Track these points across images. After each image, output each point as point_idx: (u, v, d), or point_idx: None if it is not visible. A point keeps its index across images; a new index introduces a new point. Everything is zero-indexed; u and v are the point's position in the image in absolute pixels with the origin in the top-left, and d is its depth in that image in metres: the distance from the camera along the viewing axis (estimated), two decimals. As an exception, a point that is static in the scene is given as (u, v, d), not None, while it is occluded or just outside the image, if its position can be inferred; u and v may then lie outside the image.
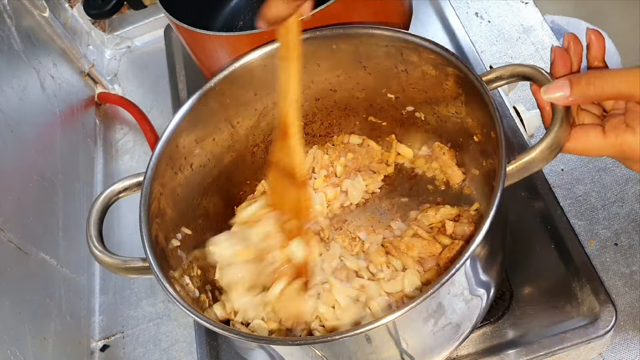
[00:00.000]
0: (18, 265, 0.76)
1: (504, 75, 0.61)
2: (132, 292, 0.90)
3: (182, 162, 0.71)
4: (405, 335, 0.57)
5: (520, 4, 1.01)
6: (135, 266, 0.63)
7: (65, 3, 1.13)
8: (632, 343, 0.70)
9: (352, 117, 0.82)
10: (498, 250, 0.64)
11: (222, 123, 0.74)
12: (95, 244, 0.65)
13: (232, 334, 0.57)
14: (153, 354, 0.84)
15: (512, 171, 0.56)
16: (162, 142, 0.68)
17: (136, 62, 1.20)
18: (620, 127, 0.54)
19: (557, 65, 0.59)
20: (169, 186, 0.69)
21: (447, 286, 0.53)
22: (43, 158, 0.89)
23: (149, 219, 0.64)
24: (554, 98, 0.55)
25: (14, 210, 0.78)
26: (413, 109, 0.77)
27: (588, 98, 0.54)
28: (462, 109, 0.69)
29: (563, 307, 0.71)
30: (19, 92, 0.88)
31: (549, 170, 0.82)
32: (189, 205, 0.73)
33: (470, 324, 0.63)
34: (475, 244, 0.53)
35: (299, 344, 0.56)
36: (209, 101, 0.71)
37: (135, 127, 1.08)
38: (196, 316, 0.57)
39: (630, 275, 0.73)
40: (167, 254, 0.66)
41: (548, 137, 0.55)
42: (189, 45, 0.88)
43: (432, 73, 0.68)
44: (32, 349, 0.73)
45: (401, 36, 0.67)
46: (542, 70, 0.58)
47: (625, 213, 0.77)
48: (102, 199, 0.67)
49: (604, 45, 0.59)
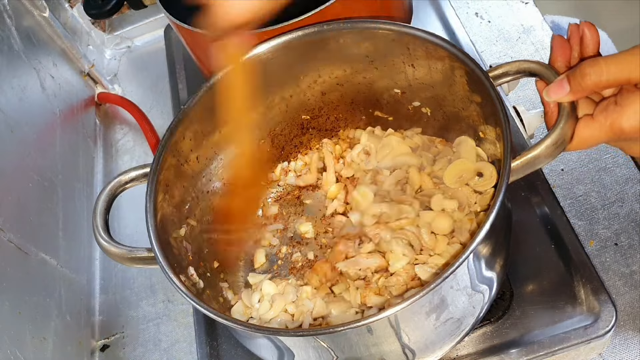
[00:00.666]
0: (18, 265, 0.76)
1: (510, 71, 0.61)
2: (132, 292, 0.90)
3: (189, 153, 0.71)
4: (407, 328, 0.58)
5: (520, 4, 1.01)
6: (140, 256, 0.64)
7: (65, 3, 1.13)
8: (632, 343, 0.70)
9: (358, 111, 0.82)
10: (501, 246, 0.65)
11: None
12: (102, 234, 0.65)
13: (236, 325, 0.57)
14: (153, 354, 0.84)
15: (516, 167, 0.56)
16: (168, 133, 0.68)
17: (136, 62, 1.20)
18: (609, 108, 0.53)
19: (554, 54, 0.59)
20: (175, 177, 0.69)
21: (450, 280, 0.53)
22: (43, 158, 0.89)
23: (155, 209, 0.64)
24: (556, 99, 0.55)
25: (14, 210, 0.78)
26: (419, 104, 0.77)
27: (586, 89, 0.53)
28: (468, 104, 0.69)
29: (563, 307, 0.71)
30: (19, 92, 0.88)
31: (549, 170, 0.82)
32: (195, 197, 0.73)
33: (472, 320, 0.63)
34: (479, 237, 0.53)
35: (303, 335, 0.57)
36: (216, 94, 0.71)
37: (135, 127, 1.08)
38: (200, 306, 0.57)
39: (630, 275, 0.73)
40: (172, 244, 0.66)
41: (554, 133, 0.55)
42: (189, 45, 0.88)
43: (439, 68, 0.68)
44: (32, 349, 0.73)
45: (408, 31, 0.67)
46: (548, 67, 0.58)
47: (625, 213, 0.77)
48: (108, 189, 0.67)
49: (597, 36, 0.58)
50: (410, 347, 0.60)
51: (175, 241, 0.67)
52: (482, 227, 0.54)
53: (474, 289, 0.60)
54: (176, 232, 0.69)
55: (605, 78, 0.52)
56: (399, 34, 0.68)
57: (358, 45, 0.71)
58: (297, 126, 0.83)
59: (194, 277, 0.68)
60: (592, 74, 0.52)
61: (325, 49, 0.72)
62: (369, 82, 0.77)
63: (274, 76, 0.74)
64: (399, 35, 0.68)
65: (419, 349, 0.61)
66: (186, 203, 0.72)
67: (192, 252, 0.70)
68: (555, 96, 0.55)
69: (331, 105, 0.82)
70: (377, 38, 0.70)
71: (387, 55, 0.71)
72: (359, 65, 0.75)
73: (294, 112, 0.81)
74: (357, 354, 0.59)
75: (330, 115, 0.83)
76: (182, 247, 0.69)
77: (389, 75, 0.74)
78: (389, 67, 0.73)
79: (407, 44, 0.68)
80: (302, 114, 0.82)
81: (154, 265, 0.63)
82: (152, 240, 0.62)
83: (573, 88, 0.54)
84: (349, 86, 0.78)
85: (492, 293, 0.65)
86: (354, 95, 0.80)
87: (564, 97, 0.54)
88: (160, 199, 0.66)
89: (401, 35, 0.68)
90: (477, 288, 0.61)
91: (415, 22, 0.96)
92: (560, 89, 0.54)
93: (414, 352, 0.61)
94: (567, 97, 0.54)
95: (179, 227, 0.69)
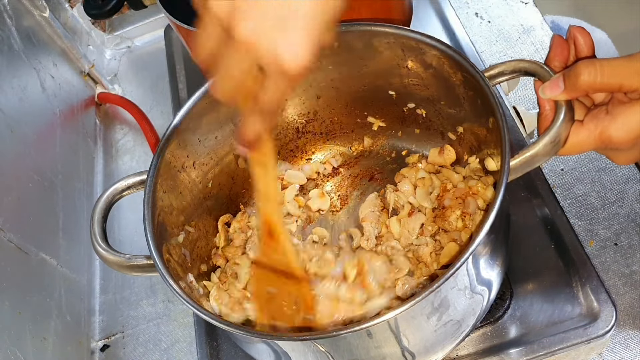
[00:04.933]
0: (18, 265, 0.76)
1: (506, 70, 0.61)
2: (132, 292, 0.90)
3: (185, 159, 0.71)
4: (407, 331, 0.58)
5: (520, 4, 1.01)
6: (139, 264, 0.63)
7: (65, 3, 1.13)
8: (632, 343, 0.70)
9: (354, 114, 0.82)
10: (500, 247, 0.65)
11: (223, 121, 0.74)
12: (100, 242, 0.64)
13: (237, 331, 0.57)
14: (153, 354, 0.84)
15: (515, 165, 0.57)
16: (164, 140, 0.68)
17: (136, 62, 1.20)
18: (600, 116, 0.54)
19: (552, 53, 0.59)
20: (172, 184, 0.69)
21: (450, 282, 0.53)
22: (43, 158, 0.89)
23: (153, 216, 0.64)
24: (551, 96, 0.55)
25: (14, 210, 0.78)
26: (414, 105, 0.77)
27: (580, 89, 0.53)
28: (464, 105, 0.69)
29: (563, 307, 0.71)
30: (19, 92, 0.88)
31: (549, 170, 0.82)
32: (192, 203, 0.73)
33: (472, 322, 0.63)
34: (480, 237, 0.53)
35: (302, 339, 0.57)
36: (211, 98, 0.71)
37: (135, 127, 1.08)
38: (203, 313, 0.57)
39: (630, 275, 0.73)
40: (170, 252, 0.66)
41: (551, 131, 0.55)
42: (189, 45, 0.89)
43: (434, 69, 0.68)
44: (32, 349, 0.73)
45: (403, 33, 0.67)
46: (544, 66, 0.58)
47: (625, 213, 0.77)
48: (105, 197, 0.67)
49: (590, 39, 0.58)
50: (410, 349, 0.60)
51: (173, 248, 0.67)
52: (483, 226, 0.54)
53: (473, 291, 0.60)
54: (174, 239, 0.68)
55: (599, 80, 0.52)
56: (394, 36, 0.68)
57: (353, 48, 0.71)
58: (292, 130, 0.83)
59: (193, 284, 0.68)
60: (587, 74, 0.52)
61: (319, 52, 0.72)
62: (364, 85, 0.77)
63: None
64: (393, 37, 0.68)
65: (418, 351, 0.61)
66: (184, 210, 0.71)
67: (191, 259, 0.70)
68: (550, 93, 0.55)
69: (326, 109, 0.81)
70: (372, 40, 0.69)
71: (382, 58, 0.71)
72: (353, 68, 0.74)
73: (289, 115, 0.81)
74: (357, 357, 0.59)
75: (325, 118, 0.83)
76: (181, 254, 0.69)
77: (384, 77, 0.74)
78: (384, 70, 0.73)
79: (402, 45, 0.68)
80: (297, 118, 0.82)
81: (153, 273, 0.62)
82: (150, 248, 0.61)
83: (567, 87, 0.54)
84: (344, 89, 0.78)
85: (492, 294, 0.65)
86: (349, 98, 0.80)
87: (558, 95, 0.55)
88: (158, 206, 0.65)
89: (396, 37, 0.68)
90: (477, 290, 0.61)
91: (415, 22, 0.96)
92: (555, 87, 0.55)
93: (413, 355, 0.61)
94: (562, 95, 0.55)
95: (177, 234, 0.69)
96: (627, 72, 0.51)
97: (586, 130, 0.54)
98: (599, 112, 0.54)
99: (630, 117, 0.52)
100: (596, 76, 0.52)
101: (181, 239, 0.69)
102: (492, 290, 0.64)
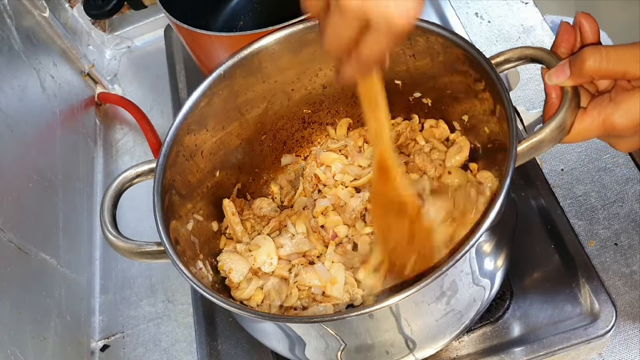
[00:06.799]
0: (18, 265, 0.76)
1: (512, 57, 0.61)
2: (132, 292, 0.90)
3: (193, 148, 0.71)
4: (409, 317, 0.58)
5: (520, 4, 1.01)
6: (150, 250, 0.63)
7: (65, 3, 1.13)
8: (632, 343, 0.70)
9: (359, 104, 0.82)
10: (505, 239, 0.65)
11: (231, 111, 0.74)
12: (110, 230, 0.64)
13: (250, 314, 0.58)
14: (153, 354, 0.84)
15: (522, 151, 0.57)
16: (173, 129, 0.68)
17: (136, 62, 1.20)
18: (603, 103, 0.54)
19: (559, 40, 0.59)
20: (181, 172, 0.69)
21: (455, 269, 0.54)
22: (43, 158, 0.89)
23: (162, 204, 0.64)
24: (557, 82, 0.55)
25: (14, 210, 0.78)
26: (420, 95, 0.77)
27: (585, 75, 0.54)
28: (470, 93, 0.69)
29: (563, 307, 0.71)
30: (19, 92, 0.88)
31: (549, 170, 0.82)
32: (200, 191, 0.74)
33: (472, 314, 0.63)
34: (484, 226, 0.53)
35: (312, 321, 0.58)
36: (219, 89, 0.71)
37: (135, 127, 1.08)
38: (215, 299, 0.57)
39: (630, 275, 0.73)
40: (179, 239, 0.66)
41: (557, 117, 0.55)
42: (189, 45, 0.89)
43: (440, 58, 0.68)
44: (32, 349, 0.73)
45: None
46: (550, 53, 0.58)
47: (625, 213, 0.77)
48: (115, 185, 0.67)
49: (595, 25, 0.59)
50: (412, 337, 0.61)
51: (182, 236, 0.67)
52: (490, 211, 0.54)
53: (477, 280, 0.61)
54: (184, 227, 0.69)
55: (604, 66, 0.52)
56: None
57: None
58: (298, 120, 0.83)
59: (203, 271, 0.68)
60: (592, 60, 0.53)
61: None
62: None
63: (276, 70, 0.74)
64: None
65: (420, 340, 0.62)
66: (192, 198, 0.72)
67: (199, 247, 0.70)
68: (556, 79, 0.55)
69: (332, 99, 0.82)
70: None
71: None
72: None
73: (296, 106, 0.81)
74: (363, 341, 0.60)
75: (331, 108, 0.83)
76: (190, 242, 0.69)
77: (390, 66, 0.73)
78: (390, 59, 0.73)
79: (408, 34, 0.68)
80: (304, 108, 0.82)
81: (163, 260, 0.62)
82: (161, 233, 0.62)
83: (573, 72, 0.54)
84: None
85: (494, 288, 0.65)
86: (355, 88, 0.80)
87: (564, 81, 0.55)
88: (167, 194, 0.66)
89: None
90: (480, 282, 0.61)
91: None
92: (562, 73, 0.55)
93: (414, 342, 0.62)
94: (568, 81, 0.55)
95: (186, 222, 0.69)
96: (632, 59, 0.51)
97: (589, 117, 0.55)
98: (603, 100, 0.54)
99: (633, 104, 0.52)
100: (602, 62, 0.52)
101: (190, 226, 0.70)
102: (494, 284, 0.65)
